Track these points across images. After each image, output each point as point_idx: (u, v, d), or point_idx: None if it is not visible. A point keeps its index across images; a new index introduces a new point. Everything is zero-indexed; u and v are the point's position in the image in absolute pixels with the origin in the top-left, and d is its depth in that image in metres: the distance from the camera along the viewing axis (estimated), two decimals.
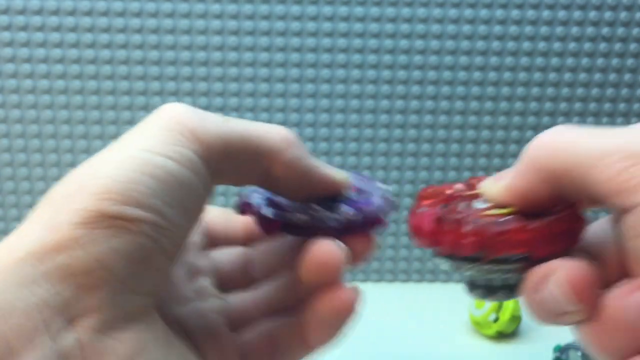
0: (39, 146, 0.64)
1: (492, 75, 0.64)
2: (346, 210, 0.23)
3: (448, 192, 0.22)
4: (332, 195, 0.24)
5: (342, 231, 0.23)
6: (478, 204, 0.21)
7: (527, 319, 0.61)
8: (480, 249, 0.19)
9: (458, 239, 0.20)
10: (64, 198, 0.17)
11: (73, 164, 0.64)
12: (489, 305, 0.57)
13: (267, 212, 0.24)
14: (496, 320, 0.57)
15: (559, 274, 0.18)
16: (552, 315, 0.18)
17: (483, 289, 0.21)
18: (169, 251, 0.18)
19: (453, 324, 0.60)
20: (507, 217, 0.20)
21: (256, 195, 0.24)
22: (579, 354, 0.50)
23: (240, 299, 0.25)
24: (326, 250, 0.22)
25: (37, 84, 0.62)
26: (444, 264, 0.21)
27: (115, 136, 0.67)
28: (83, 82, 0.62)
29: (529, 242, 0.19)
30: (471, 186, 0.22)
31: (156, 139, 0.19)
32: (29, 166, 0.64)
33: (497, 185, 0.21)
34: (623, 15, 0.62)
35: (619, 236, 0.18)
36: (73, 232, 0.16)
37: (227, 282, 0.25)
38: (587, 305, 0.18)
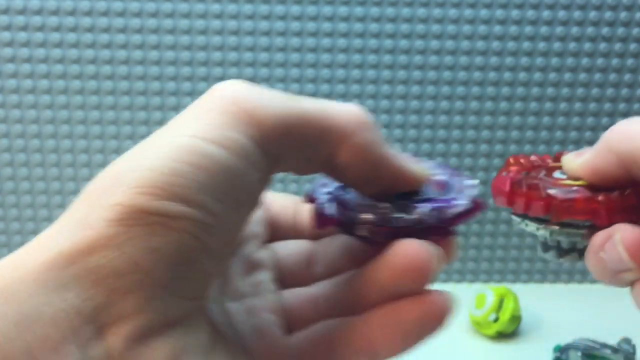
0: (39, 146, 0.64)
1: (492, 75, 0.64)
2: (421, 210, 0.20)
3: (534, 162, 0.25)
4: (410, 192, 0.21)
5: (410, 235, 0.19)
6: (556, 174, 0.24)
7: (527, 319, 0.61)
8: (548, 211, 0.22)
9: (530, 200, 0.22)
10: (99, 193, 0.16)
11: (73, 164, 0.64)
12: (489, 305, 0.57)
13: (327, 208, 0.20)
14: (496, 320, 0.57)
15: (618, 235, 0.20)
16: (612, 273, 0.21)
17: (553, 249, 0.24)
18: (217, 250, 0.17)
19: (453, 324, 0.60)
20: (577, 188, 0.22)
21: (324, 186, 0.22)
22: (579, 354, 0.50)
23: (298, 296, 0.22)
24: (416, 252, 0.18)
25: (37, 84, 0.62)
26: (519, 223, 0.23)
27: (115, 136, 0.67)
28: (83, 82, 0.62)
29: (593, 211, 0.22)
30: (557, 159, 0.25)
31: (207, 123, 0.16)
32: (29, 166, 0.64)
33: (576, 160, 0.23)
34: (623, 15, 0.62)
35: None
36: (107, 230, 0.15)
37: (289, 277, 0.22)
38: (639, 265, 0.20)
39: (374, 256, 0.20)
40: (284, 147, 0.18)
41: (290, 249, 0.23)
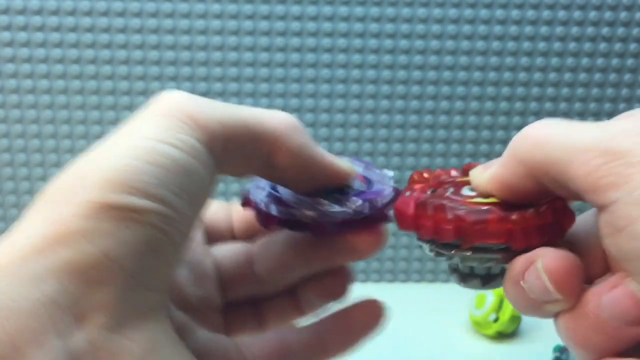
0: (39, 146, 0.64)
1: (492, 75, 0.64)
2: (355, 202, 0.22)
3: (442, 177, 0.22)
4: (338, 186, 0.22)
5: (350, 225, 0.22)
6: (465, 191, 0.21)
7: (527, 319, 0.61)
8: (459, 236, 0.19)
9: (438, 224, 0.20)
10: (64, 192, 0.16)
11: None
12: (489, 305, 0.57)
13: (271, 208, 0.22)
14: (496, 320, 0.57)
15: (540, 262, 0.18)
16: (532, 304, 0.18)
17: (464, 275, 0.21)
18: (178, 243, 0.18)
19: (453, 324, 0.60)
20: (488, 207, 0.19)
21: (259, 189, 0.23)
22: None
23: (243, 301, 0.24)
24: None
25: (37, 84, 0.62)
26: (426, 249, 0.21)
27: None
28: (83, 82, 0.62)
29: (508, 233, 0.19)
30: (465, 172, 0.22)
31: (158, 126, 0.18)
32: (29, 166, 0.64)
33: (483, 175, 0.20)
34: (623, 15, 0.62)
35: (599, 231, 0.17)
36: (78, 225, 0.16)
37: (230, 280, 0.24)
38: (567, 296, 0.17)
39: (317, 248, 0.23)
40: (226, 150, 0.19)
41: (227, 251, 0.24)
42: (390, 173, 0.24)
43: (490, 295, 0.57)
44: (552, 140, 0.18)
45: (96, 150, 0.18)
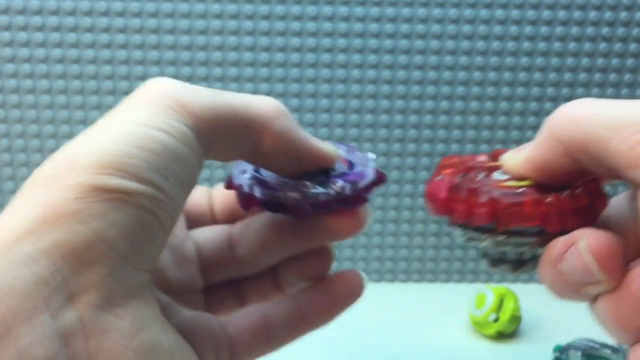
0: (39, 146, 0.64)
1: (492, 75, 0.64)
2: (337, 183, 0.22)
3: (469, 162, 0.22)
4: (322, 170, 0.23)
5: (331, 207, 0.22)
6: (497, 175, 0.21)
7: (527, 319, 0.61)
8: (492, 219, 0.19)
9: (471, 208, 0.19)
10: (54, 176, 0.17)
11: None
12: (489, 305, 0.57)
13: (254, 190, 0.23)
14: (496, 320, 0.57)
15: (583, 242, 0.17)
16: (573, 287, 0.18)
17: (495, 260, 0.21)
18: (167, 225, 0.18)
19: (453, 324, 0.60)
20: (523, 189, 0.19)
21: (242, 172, 0.24)
22: (579, 354, 0.50)
23: (227, 285, 0.24)
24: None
25: (37, 84, 0.62)
26: (458, 234, 0.20)
27: None
28: (83, 82, 0.62)
29: (543, 215, 0.19)
30: (494, 157, 0.22)
31: (148, 112, 0.18)
32: (29, 166, 0.64)
33: (517, 157, 0.20)
34: (623, 15, 0.62)
35: (636, 211, 0.17)
36: (70, 206, 0.16)
37: (211, 263, 0.24)
38: (612, 276, 0.17)
39: (297, 229, 0.23)
40: (215, 136, 0.19)
41: (208, 234, 0.25)
42: (373, 155, 0.24)
43: (490, 295, 0.57)
44: (591, 117, 0.17)
45: (86, 135, 0.18)
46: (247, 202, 0.23)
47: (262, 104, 0.21)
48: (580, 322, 0.65)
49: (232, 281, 0.25)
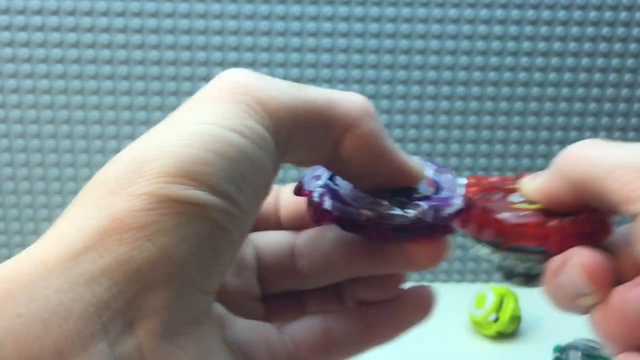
0: (39, 146, 0.64)
1: (492, 75, 0.64)
2: (419, 208, 0.20)
3: (495, 182, 0.24)
4: (403, 188, 0.21)
5: (409, 233, 0.20)
6: (513, 197, 0.23)
7: (527, 319, 0.61)
8: (499, 236, 0.21)
9: (481, 224, 0.21)
10: (121, 181, 0.15)
11: (73, 164, 0.64)
12: (489, 305, 0.57)
13: (325, 201, 0.20)
14: (496, 320, 0.57)
15: (575, 258, 0.19)
16: (567, 298, 0.20)
17: (508, 273, 0.23)
18: (237, 242, 0.16)
19: (453, 324, 0.60)
20: (529, 213, 0.21)
21: (315, 177, 0.21)
22: (579, 354, 0.50)
23: (285, 296, 0.22)
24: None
25: (37, 84, 0.62)
26: (472, 246, 0.22)
27: (115, 136, 0.67)
28: (83, 82, 0.62)
29: (544, 236, 0.21)
30: (515, 180, 0.24)
31: (224, 111, 0.16)
32: (29, 166, 0.64)
33: (531, 184, 0.22)
34: (623, 15, 0.62)
35: (631, 236, 0.19)
36: (136, 220, 0.14)
37: (270, 272, 0.22)
38: (599, 289, 0.19)
39: (369, 252, 0.21)
40: (293, 137, 0.17)
41: (270, 240, 0.22)
42: (464, 181, 0.22)
43: (490, 295, 0.57)
44: (591, 158, 0.20)
45: (155, 134, 0.16)
46: (318, 214, 0.20)
47: (348, 103, 0.18)
48: (580, 322, 0.65)
49: (291, 291, 0.23)
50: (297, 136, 0.18)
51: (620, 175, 0.18)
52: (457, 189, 0.22)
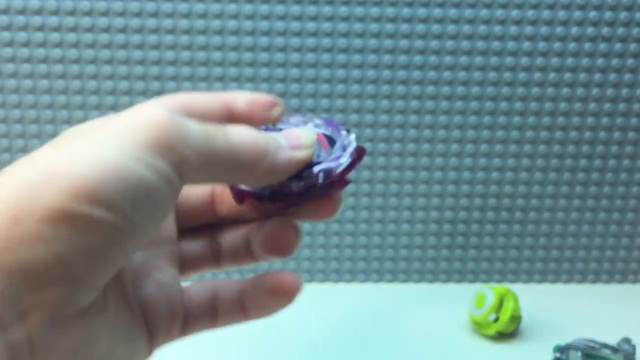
0: (39, 146, 0.64)
1: (492, 75, 0.64)
2: (312, 174, 0.23)
3: None
4: None
5: (307, 196, 0.24)
6: None
7: (527, 319, 0.61)
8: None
9: None
10: (30, 189, 0.17)
11: None
12: (489, 305, 0.57)
13: (243, 185, 0.24)
14: (496, 320, 0.57)
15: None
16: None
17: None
18: (129, 251, 0.19)
19: (453, 324, 0.60)
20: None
21: None
22: (579, 354, 0.50)
23: (194, 247, 0.26)
24: (281, 229, 0.24)
25: (37, 84, 0.62)
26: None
27: None
28: (83, 82, 0.62)
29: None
30: None
31: (135, 143, 0.19)
32: None
33: None
34: (623, 15, 0.62)
35: None
36: (37, 227, 0.17)
37: (189, 209, 0.26)
38: None
39: (278, 212, 0.25)
40: (199, 176, 0.20)
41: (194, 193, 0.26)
42: (352, 136, 0.25)
43: (490, 295, 0.57)
44: None
45: (69, 151, 0.18)
46: (239, 196, 0.25)
47: (249, 152, 0.21)
48: (580, 322, 0.65)
49: (210, 238, 0.27)
50: (203, 176, 0.21)
51: None
52: (345, 143, 0.25)
